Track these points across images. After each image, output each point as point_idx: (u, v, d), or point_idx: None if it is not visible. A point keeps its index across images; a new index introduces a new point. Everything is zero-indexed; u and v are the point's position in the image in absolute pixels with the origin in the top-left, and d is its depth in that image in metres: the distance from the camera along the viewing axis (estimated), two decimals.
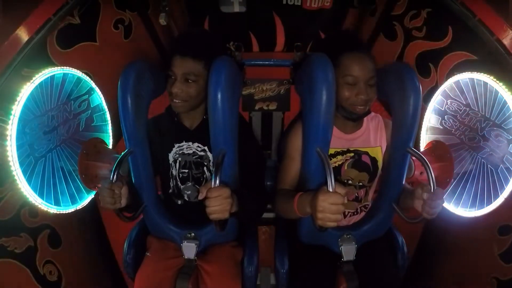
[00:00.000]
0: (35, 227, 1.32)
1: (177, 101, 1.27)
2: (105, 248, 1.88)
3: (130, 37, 1.68)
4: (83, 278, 1.61)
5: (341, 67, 1.21)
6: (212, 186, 1.05)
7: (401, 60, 1.71)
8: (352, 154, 1.35)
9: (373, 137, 1.37)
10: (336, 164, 1.34)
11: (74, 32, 1.35)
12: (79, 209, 1.39)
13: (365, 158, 1.36)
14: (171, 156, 1.40)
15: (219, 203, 1.05)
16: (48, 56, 1.26)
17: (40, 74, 1.18)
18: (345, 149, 1.34)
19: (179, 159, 1.39)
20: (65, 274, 1.45)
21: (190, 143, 1.38)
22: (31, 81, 1.15)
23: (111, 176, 1.14)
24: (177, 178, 1.41)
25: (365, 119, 1.36)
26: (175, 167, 1.40)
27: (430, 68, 1.54)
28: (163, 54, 1.90)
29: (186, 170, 1.40)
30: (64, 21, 1.27)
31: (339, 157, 1.34)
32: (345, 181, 1.36)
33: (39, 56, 1.22)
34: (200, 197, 1.10)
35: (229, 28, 1.94)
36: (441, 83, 1.44)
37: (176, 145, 1.39)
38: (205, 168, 1.39)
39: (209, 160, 1.37)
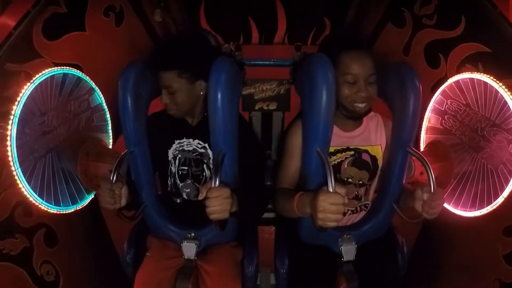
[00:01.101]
0: (30, 227, 1.28)
1: (169, 110, 1.31)
2: (107, 247, 1.87)
3: (122, 25, 1.59)
4: (82, 278, 1.58)
5: (340, 65, 1.21)
6: (213, 181, 1.06)
7: (409, 48, 1.65)
8: (352, 152, 1.35)
9: (373, 136, 1.38)
10: (336, 162, 1.34)
11: (61, 21, 1.28)
12: (79, 209, 1.39)
13: (365, 156, 1.36)
14: (170, 153, 1.40)
15: (219, 203, 1.05)
16: (34, 49, 1.20)
17: (40, 74, 1.18)
18: (345, 147, 1.34)
19: (179, 155, 1.39)
20: (62, 273, 1.42)
21: (191, 140, 1.38)
22: (31, 81, 1.15)
23: (111, 176, 1.14)
24: (176, 176, 1.41)
25: (364, 117, 1.36)
26: (175, 164, 1.40)
27: (439, 58, 1.49)
28: (157, 42, 1.84)
29: (186, 167, 1.40)
30: (50, 10, 1.20)
31: (339, 154, 1.34)
32: (345, 179, 1.36)
33: (24, 49, 1.17)
34: (200, 197, 1.10)
35: (227, 14, 1.86)
36: (451, 75, 1.41)
37: (177, 142, 1.39)
38: (204, 165, 1.39)
39: (209, 158, 1.37)
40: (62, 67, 1.27)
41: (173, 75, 1.25)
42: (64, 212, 1.31)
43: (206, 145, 1.37)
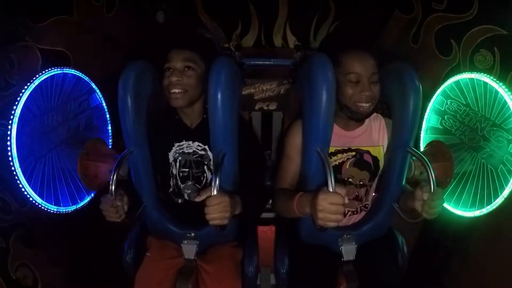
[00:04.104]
0: (7, 226, 1.20)
1: (176, 91, 1.25)
2: (107, 247, 1.85)
3: (113, 11, 1.50)
4: (73, 279, 1.50)
5: (342, 66, 1.21)
6: (212, 189, 1.06)
7: (418, 36, 1.58)
8: (353, 153, 1.35)
9: (375, 136, 1.37)
10: (337, 162, 1.34)
11: (48, 3, 1.21)
12: (79, 208, 1.39)
13: (366, 157, 1.36)
14: (171, 155, 1.40)
15: (218, 211, 1.07)
16: (18, 31, 1.14)
17: (40, 74, 1.18)
18: (346, 148, 1.34)
19: (179, 158, 1.39)
20: (41, 277, 1.32)
21: (190, 142, 1.38)
22: (31, 81, 1.15)
23: (111, 177, 1.14)
24: (177, 177, 1.41)
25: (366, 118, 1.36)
26: (175, 166, 1.40)
27: (451, 44, 1.41)
28: (150, 31, 1.76)
29: (187, 169, 1.40)
30: None
31: (339, 155, 1.34)
32: (346, 179, 1.36)
33: (8, 31, 1.10)
34: (198, 199, 1.11)
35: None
36: (464, 62, 1.35)
37: (176, 144, 1.39)
38: (205, 167, 1.39)
39: (210, 159, 1.37)
40: (61, 67, 1.27)
41: (196, 55, 1.27)
42: (63, 212, 1.31)
43: (206, 147, 1.37)
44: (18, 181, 1.13)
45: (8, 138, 1.09)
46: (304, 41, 2.06)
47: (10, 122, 1.09)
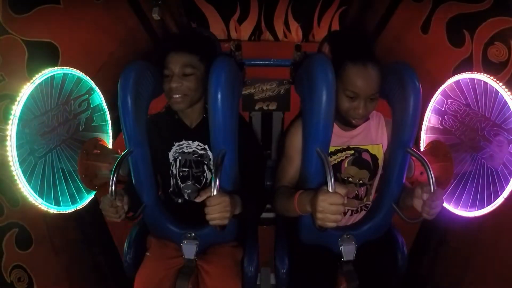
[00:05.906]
0: (0, 227, 1.18)
1: (176, 96, 1.26)
2: (108, 247, 1.85)
3: None
4: (70, 280, 1.47)
5: (344, 77, 1.18)
6: (212, 189, 1.06)
7: (428, 25, 1.52)
8: (352, 152, 1.35)
9: (374, 135, 1.37)
10: (336, 161, 1.34)
11: None
12: (79, 208, 1.38)
13: (365, 156, 1.36)
14: (171, 155, 1.40)
15: (218, 211, 1.07)
16: (0, 24, 1.08)
17: (39, 74, 1.18)
18: (345, 147, 1.34)
19: (179, 157, 1.40)
20: (37, 279, 1.29)
21: (190, 142, 1.38)
22: (31, 81, 1.15)
23: (111, 177, 1.14)
24: (177, 177, 1.41)
25: None
26: (175, 165, 1.40)
27: (464, 35, 1.36)
28: (143, 20, 1.70)
29: (186, 169, 1.40)
30: None
31: (339, 154, 1.34)
32: (346, 178, 1.36)
33: None
34: (198, 200, 1.11)
35: None
36: (477, 55, 1.30)
37: (176, 144, 1.39)
38: (205, 166, 1.39)
39: (209, 159, 1.38)
40: (61, 67, 1.27)
41: (195, 58, 1.27)
42: (63, 212, 1.31)
43: (206, 146, 1.37)
44: (19, 181, 1.13)
45: (8, 138, 1.08)
46: (308, 27, 1.97)
47: (10, 122, 1.09)
